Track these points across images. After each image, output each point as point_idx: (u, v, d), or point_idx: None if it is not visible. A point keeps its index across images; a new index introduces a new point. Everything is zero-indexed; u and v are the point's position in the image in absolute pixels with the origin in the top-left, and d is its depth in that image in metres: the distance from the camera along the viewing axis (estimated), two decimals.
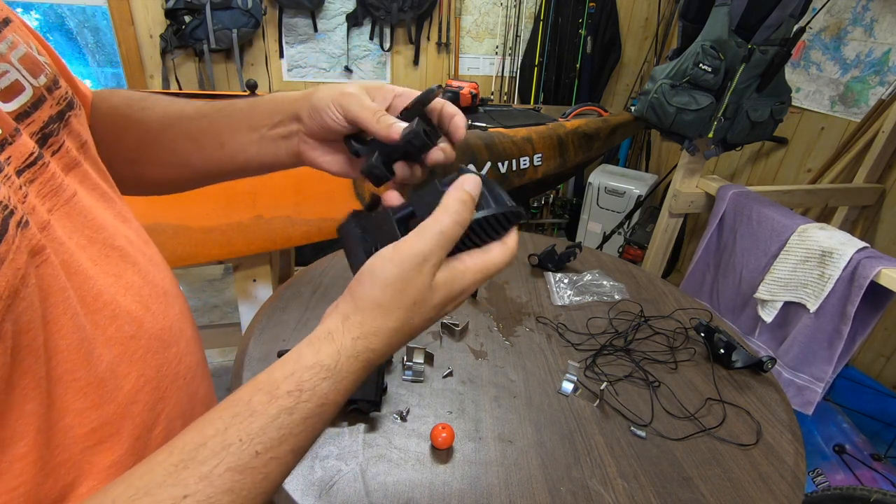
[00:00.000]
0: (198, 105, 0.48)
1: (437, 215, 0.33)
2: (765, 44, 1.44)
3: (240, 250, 1.42)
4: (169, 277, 0.43)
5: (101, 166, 0.41)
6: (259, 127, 0.44)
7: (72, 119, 0.37)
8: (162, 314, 0.39)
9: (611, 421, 0.76)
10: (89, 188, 0.37)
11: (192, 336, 0.44)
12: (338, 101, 0.40)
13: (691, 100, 1.52)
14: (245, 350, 0.83)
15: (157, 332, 0.38)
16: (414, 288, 0.33)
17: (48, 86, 0.35)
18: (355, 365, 0.33)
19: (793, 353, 1.40)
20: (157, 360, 0.37)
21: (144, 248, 0.41)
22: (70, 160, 0.36)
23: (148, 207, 1.29)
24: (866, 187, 1.85)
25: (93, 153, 0.40)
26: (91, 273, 0.33)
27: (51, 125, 0.34)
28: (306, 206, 1.45)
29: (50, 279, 0.29)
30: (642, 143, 3.27)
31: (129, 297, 0.36)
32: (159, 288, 0.40)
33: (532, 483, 0.65)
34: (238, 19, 2.44)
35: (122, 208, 0.41)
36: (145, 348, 0.36)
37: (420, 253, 0.33)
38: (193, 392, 0.42)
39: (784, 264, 1.43)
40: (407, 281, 0.33)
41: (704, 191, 1.76)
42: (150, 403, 0.36)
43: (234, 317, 2.37)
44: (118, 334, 0.34)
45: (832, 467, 1.53)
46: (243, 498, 0.28)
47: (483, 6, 2.88)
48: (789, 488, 0.67)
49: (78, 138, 0.38)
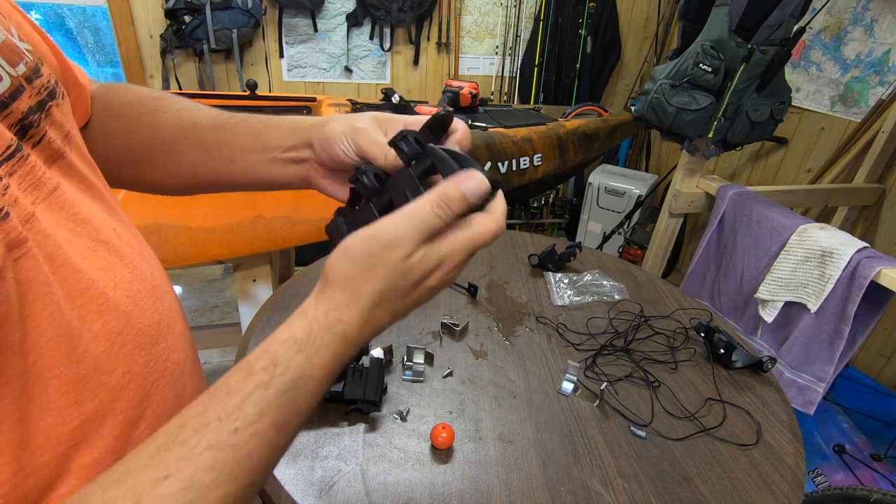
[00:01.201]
0: (211, 116, 0.47)
1: (418, 202, 0.33)
2: (765, 44, 1.44)
3: (240, 250, 1.42)
4: (159, 272, 0.43)
5: (88, 156, 0.40)
6: (271, 149, 0.45)
7: (53, 109, 0.36)
8: (151, 309, 0.39)
9: (611, 421, 0.75)
10: (74, 180, 0.36)
11: (182, 332, 0.44)
12: (351, 136, 0.41)
13: (691, 100, 1.52)
14: (245, 350, 0.83)
15: (145, 328, 0.37)
16: (384, 265, 0.32)
17: (27, 75, 0.34)
18: (328, 337, 0.32)
19: (794, 353, 1.40)
20: (144, 356, 0.37)
21: (133, 242, 0.41)
22: (53, 152, 0.35)
23: (148, 207, 1.29)
24: (866, 187, 1.85)
25: (77, 143, 0.39)
26: (80, 266, 0.33)
27: (30, 116, 0.33)
28: (306, 206, 1.45)
29: (30, 272, 0.28)
30: (642, 143, 3.27)
31: (118, 292, 0.36)
32: (148, 282, 0.39)
33: (532, 483, 0.65)
34: (238, 19, 2.44)
35: (110, 200, 0.40)
36: (132, 343, 0.36)
37: (391, 233, 0.32)
38: (181, 389, 0.41)
39: (784, 264, 1.43)
40: (376, 256, 0.32)
41: (704, 191, 1.76)
42: (134, 400, 0.36)
43: (234, 317, 2.37)
44: (105, 329, 0.34)
45: (832, 467, 1.53)
46: (226, 475, 0.28)
47: (483, 6, 2.88)
48: (789, 488, 0.67)
49: (61, 129, 0.36)
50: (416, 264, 0.33)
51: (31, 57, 0.35)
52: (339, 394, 0.71)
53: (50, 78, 0.36)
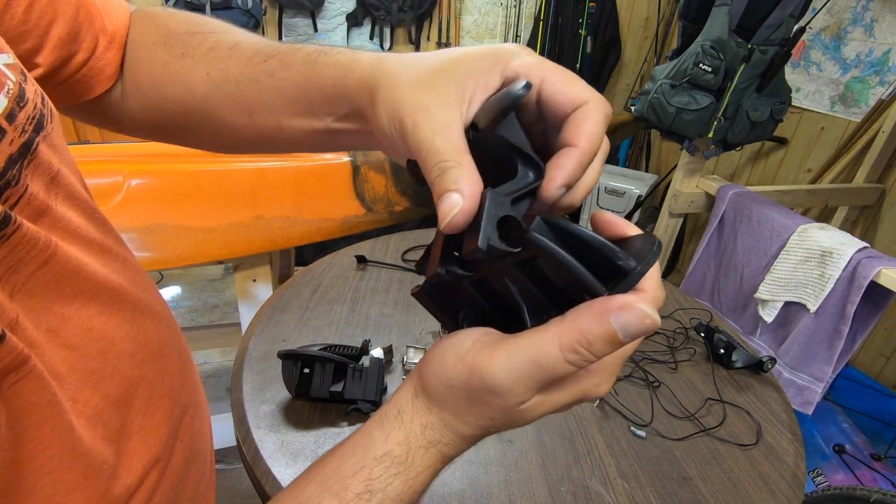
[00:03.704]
0: (245, 59, 0.36)
1: (542, 341, 0.23)
2: (765, 44, 1.44)
3: (240, 250, 1.42)
4: (165, 323, 0.37)
5: (77, 191, 0.30)
6: (322, 115, 0.34)
7: (40, 147, 0.26)
8: (159, 382, 0.34)
9: (611, 421, 0.75)
10: (60, 236, 0.27)
11: (203, 407, 0.38)
12: (399, 135, 0.27)
13: (691, 100, 1.52)
14: (245, 350, 0.83)
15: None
16: (489, 407, 0.26)
17: (9, 111, 0.24)
18: (427, 458, 0.28)
19: (793, 353, 1.40)
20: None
21: (140, 295, 0.33)
22: (34, 210, 0.25)
23: (148, 207, 1.29)
24: (866, 187, 1.85)
25: (66, 181, 0.29)
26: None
27: (8, 171, 0.24)
28: (306, 206, 1.45)
29: (30, 396, 0.22)
30: (642, 143, 3.27)
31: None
32: (154, 344, 0.34)
33: (532, 483, 0.65)
34: (238, 19, 2.44)
35: (104, 242, 0.32)
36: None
37: (500, 382, 0.24)
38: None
39: (784, 264, 1.43)
40: (478, 399, 0.26)
41: (704, 191, 1.76)
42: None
43: (234, 317, 2.37)
44: (107, 432, 0.28)
45: (832, 467, 1.53)
46: None
47: (483, 6, 2.88)
48: (789, 488, 0.67)
49: (48, 171, 0.27)
50: (528, 409, 0.26)
51: (12, 78, 0.25)
52: (339, 394, 0.71)
53: (37, 98, 0.27)
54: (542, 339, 0.23)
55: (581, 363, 0.23)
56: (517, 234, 0.23)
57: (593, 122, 0.25)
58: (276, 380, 0.75)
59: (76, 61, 0.36)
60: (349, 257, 1.12)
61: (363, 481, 0.26)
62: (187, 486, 0.35)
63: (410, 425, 0.28)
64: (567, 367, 0.23)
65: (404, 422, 0.28)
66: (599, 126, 0.26)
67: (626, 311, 0.22)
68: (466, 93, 0.26)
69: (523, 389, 0.24)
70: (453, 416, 0.27)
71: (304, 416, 0.72)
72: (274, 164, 1.39)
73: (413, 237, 1.25)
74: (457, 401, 0.26)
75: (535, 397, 0.25)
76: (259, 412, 0.71)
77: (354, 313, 0.94)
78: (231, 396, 0.74)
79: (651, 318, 0.22)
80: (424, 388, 0.28)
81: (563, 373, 0.23)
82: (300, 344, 0.84)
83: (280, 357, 0.71)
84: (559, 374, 0.23)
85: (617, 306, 0.22)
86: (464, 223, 0.24)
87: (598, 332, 0.22)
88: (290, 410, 0.72)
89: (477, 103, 0.26)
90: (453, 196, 0.24)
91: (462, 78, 0.26)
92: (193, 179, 1.31)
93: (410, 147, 0.26)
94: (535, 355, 0.23)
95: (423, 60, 0.28)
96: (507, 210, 0.24)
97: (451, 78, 0.26)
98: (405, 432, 0.27)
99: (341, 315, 0.93)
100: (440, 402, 0.27)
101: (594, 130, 0.25)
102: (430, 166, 0.25)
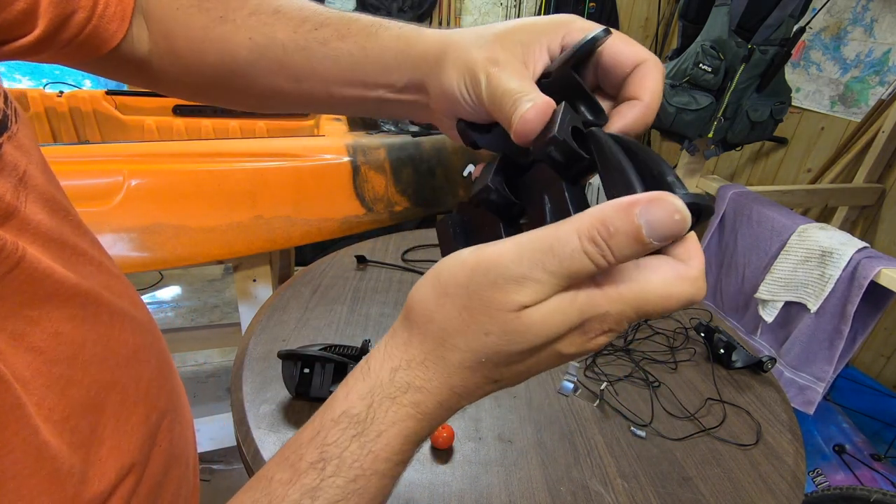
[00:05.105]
0: (293, 25, 0.35)
1: (560, 225, 0.21)
2: (765, 44, 1.44)
3: (240, 250, 1.42)
4: (142, 328, 0.35)
5: (47, 191, 0.29)
6: (376, 86, 0.34)
7: (5, 148, 0.25)
8: (133, 388, 0.33)
9: (611, 421, 0.75)
10: (29, 239, 0.26)
11: (169, 406, 0.37)
12: (472, 87, 0.28)
13: (691, 100, 1.52)
14: (245, 350, 0.83)
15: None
16: (488, 314, 0.21)
17: None
18: (393, 412, 0.23)
19: (794, 353, 1.40)
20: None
21: (114, 300, 0.32)
22: (0, 213, 0.25)
23: (148, 207, 1.29)
24: (866, 187, 1.85)
25: (36, 181, 0.28)
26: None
27: None
28: (306, 206, 1.45)
29: None
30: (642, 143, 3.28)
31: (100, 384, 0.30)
32: (128, 349, 0.33)
33: (532, 483, 0.65)
34: None
35: (78, 245, 0.31)
36: None
37: (507, 267, 0.21)
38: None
39: (784, 264, 1.43)
40: (478, 298, 0.22)
41: (704, 191, 1.76)
42: None
43: (234, 317, 2.37)
44: (75, 438, 0.27)
45: (832, 467, 1.53)
46: None
47: (483, 6, 2.88)
48: (789, 488, 0.67)
49: (14, 171, 0.26)
50: (539, 321, 0.21)
51: None
52: None
53: (1, 100, 0.26)
54: (560, 227, 0.21)
55: (598, 259, 0.20)
56: (583, 145, 0.24)
57: (654, 79, 0.27)
58: (276, 380, 0.75)
59: (78, 18, 0.35)
60: (349, 257, 1.12)
61: (317, 448, 0.24)
62: (166, 492, 0.35)
63: (378, 374, 0.24)
64: (584, 261, 0.20)
65: (371, 371, 0.24)
66: (660, 84, 0.27)
67: (656, 205, 0.19)
68: (532, 53, 0.28)
69: (534, 282, 0.21)
70: (438, 341, 0.23)
71: (304, 416, 0.72)
72: (274, 164, 1.39)
73: (413, 237, 1.25)
74: (447, 317, 0.23)
75: (550, 300, 0.21)
76: (259, 412, 0.71)
77: (354, 313, 0.94)
78: (231, 396, 0.74)
79: (682, 213, 0.19)
80: (407, 313, 0.24)
81: (580, 268, 0.20)
82: (300, 344, 0.84)
83: (280, 357, 0.71)
84: (575, 269, 0.20)
85: (647, 199, 0.19)
86: (538, 122, 0.25)
87: (621, 224, 0.19)
88: (290, 410, 0.72)
89: (542, 64, 0.28)
90: (528, 103, 0.25)
91: (527, 40, 0.28)
92: (193, 179, 1.31)
93: (485, 97, 0.27)
94: (551, 243, 0.20)
95: (488, 29, 0.30)
96: (578, 123, 0.25)
97: (518, 39, 0.28)
98: (369, 384, 0.24)
99: (341, 315, 0.93)
100: (424, 325, 0.23)
101: (656, 87, 0.27)
102: (506, 105, 0.26)
